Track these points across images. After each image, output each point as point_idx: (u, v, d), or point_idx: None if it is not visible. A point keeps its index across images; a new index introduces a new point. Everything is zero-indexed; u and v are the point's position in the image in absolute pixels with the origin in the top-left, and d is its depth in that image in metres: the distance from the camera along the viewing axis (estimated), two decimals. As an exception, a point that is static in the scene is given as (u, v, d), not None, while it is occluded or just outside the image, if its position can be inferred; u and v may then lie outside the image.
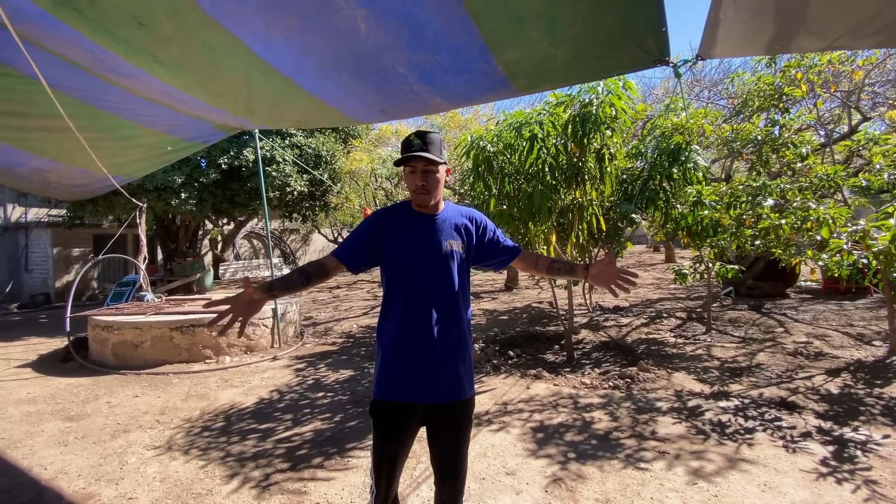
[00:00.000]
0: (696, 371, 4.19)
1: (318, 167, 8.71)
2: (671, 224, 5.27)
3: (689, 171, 4.99)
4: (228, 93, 2.94)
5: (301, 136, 8.58)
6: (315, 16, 1.91)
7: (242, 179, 8.26)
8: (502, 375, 4.28)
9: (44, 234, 11.36)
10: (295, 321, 6.54)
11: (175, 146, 3.96)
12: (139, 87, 2.85)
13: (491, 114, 11.03)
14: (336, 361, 5.09)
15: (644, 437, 2.90)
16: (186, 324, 5.21)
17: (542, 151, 4.25)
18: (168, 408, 3.80)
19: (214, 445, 3.07)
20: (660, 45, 1.85)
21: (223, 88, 2.88)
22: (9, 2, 2.10)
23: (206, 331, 5.24)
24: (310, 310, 8.81)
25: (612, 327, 6.35)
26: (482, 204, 4.87)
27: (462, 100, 2.85)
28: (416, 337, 1.49)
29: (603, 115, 4.03)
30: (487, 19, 1.82)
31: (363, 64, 2.28)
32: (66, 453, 3.02)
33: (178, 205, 7.81)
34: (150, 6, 1.97)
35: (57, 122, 2.92)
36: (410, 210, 1.59)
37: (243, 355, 5.41)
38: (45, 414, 3.73)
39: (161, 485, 2.59)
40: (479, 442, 2.93)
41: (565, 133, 4.20)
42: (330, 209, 10.17)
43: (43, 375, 4.87)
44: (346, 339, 6.20)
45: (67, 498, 2.49)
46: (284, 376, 4.58)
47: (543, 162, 4.32)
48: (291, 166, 8.41)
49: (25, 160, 3.93)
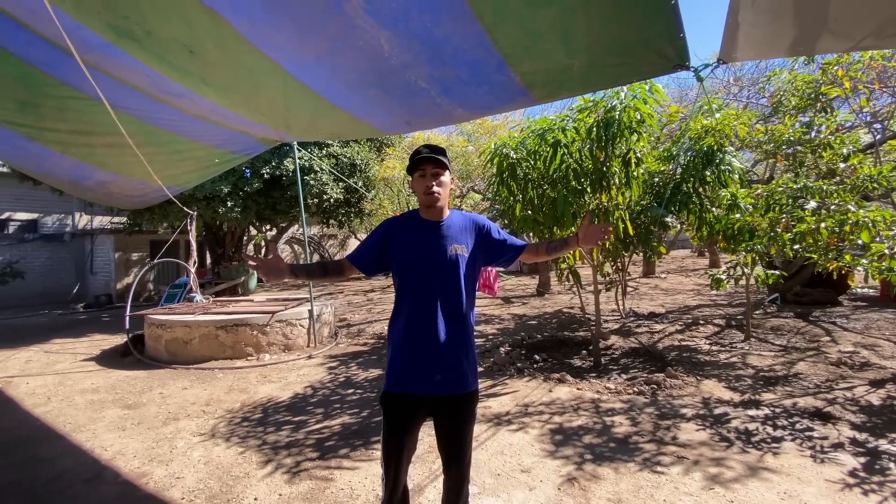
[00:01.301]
0: (728, 379, 4.08)
1: (352, 175, 9.07)
2: (706, 228, 5.16)
3: (723, 173, 4.87)
4: (268, 109, 3.20)
5: (337, 147, 8.97)
6: (343, 39, 2.09)
7: (283, 188, 8.71)
8: (525, 378, 4.33)
9: (107, 240, 12.36)
10: (330, 322, 6.83)
11: (222, 158, 4.31)
12: (190, 106, 3.17)
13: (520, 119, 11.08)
14: (366, 361, 5.30)
15: (664, 442, 2.89)
16: (231, 323, 5.59)
17: (565, 157, 4.30)
18: (213, 399, 4.11)
19: (252, 434, 3.31)
20: (678, 51, 1.88)
21: (263, 106, 3.14)
22: (79, 34, 2.43)
23: (248, 330, 5.60)
24: (345, 312, 9.14)
25: (644, 333, 6.24)
26: (508, 209, 4.96)
27: (483, 109, 2.98)
28: (423, 335, 1.61)
29: (627, 119, 4.04)
30: (502, 35, 1.92)
31: (388, 80, 2.45)
32: (123, 437, 3.35)
33: (224, 212, 8.34)
34: (198, 37, 2.23)
35: (118, 139, 3.28)
36: (418, 218, 1.72)
37: (281, 353, 5.72)
38: (106, 402, 4.13)
39: (205, 467, 2.84)
40: (497, 440, 3.01)
41: (589, 138, 4.23)
42: (365, 215, 10.52)
43: (105, 368, 5.36)
44: (377, 340, 6.42)
45: (124, 476, 2.78)
46: (318, 373, 4.82)
47: (567, 167, 4.36)
48: (328, 175, 8.80)
49: (91, 173, 4.40)
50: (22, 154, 4.26)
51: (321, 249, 19.41)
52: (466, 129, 10.17)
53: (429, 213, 1.70)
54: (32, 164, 4.64)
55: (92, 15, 2.20)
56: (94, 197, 6.75)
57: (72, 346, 6.74)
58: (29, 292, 11.46)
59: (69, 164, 4.17)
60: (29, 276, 11.25)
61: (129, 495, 2.56)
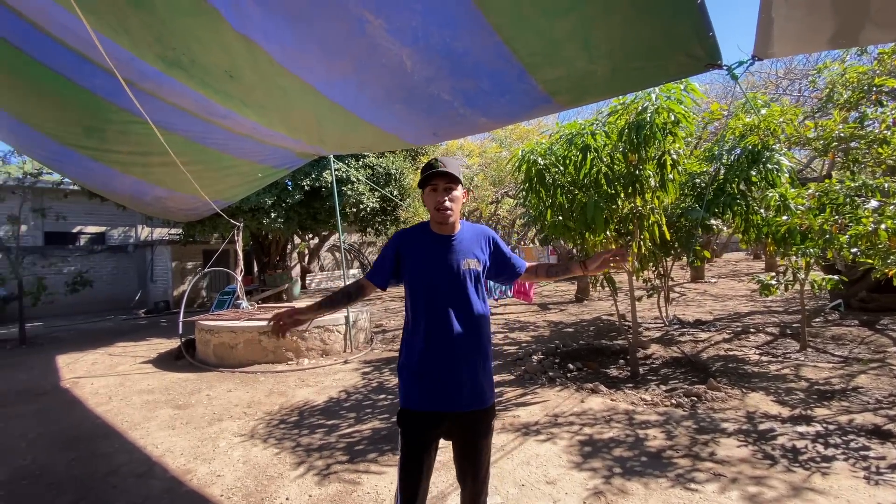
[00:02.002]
0: (777, 392, 3.83)
1: (387, 185, 9.28)
2: (753, 230, 4.89)
3: (770, 172, 4.61)
4: (303, 126, 3.38)
5: (373, 158, 9.22)
6: (367, 59, 2.19)
7: (323, 199, 9.05)
8: (557, 388, 4.25)
9: (165, 251, 13.27)
10: (365, 328, 7.00)
11: (264, 172, 4.56)
12: (234, 126, 3.40)
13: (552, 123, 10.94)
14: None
15: (700, 458, 2.75)
16: (272, 329, 5.85)
17: (595, 161, 4.22)
18: (254, 402, 4.32)
19: (288, 436, 3.46)
20: (708, 50, 1.81)
21: (298, 123, 3.32)
22: (135, 66, 2.69)
23: (288, 335, 5.85)
24: (381, 318, 9.32)
25: (688, 342, 5.97)
26: (539, 216, 4.91)
27: (507, 118, 2.99)
28: (438, 351, 1.60)
29: (660, 121, 3.92)
30: (522, 45, 1.92)
31: (412, 94, 2.53)
32: (172, 436, 3.59)
33: (268, 223, 8.76)
34: (237, 63, 2.40)
35: (171, 158, 3.57)
36: (429, 231, 1.70)
37: (319, 358, 5.93)
38: (159, 402, 4.44)
39: (243, 466, 3.00)
40: (524, 450, 2.98)
41: (620, 141, 4.13)
42: (401, 223, 10.71)
43: (160, 370, 5.76)
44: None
45: (171, 472, 2.98)
46: (352, 378, 4.96)
47: (598, 171, 4.27)
48: (364, 185, 9.05)
49: (150, 190, 4.78)
50: (88, 174, 4.71)
51: (361, 256, 19.90)
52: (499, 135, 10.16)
53: (440, 228, 1.69)
54: (98, 182, 5.11)
55: (144, 48, 2.43)
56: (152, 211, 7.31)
57: (133, 349, 7.28)
58: (97, 299, 12.48)
59: (130, 182, 4.56)
60: (97, 285, 12.25)
61: (174, 491, 2.74)
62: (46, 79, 2.96)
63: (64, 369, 5.92)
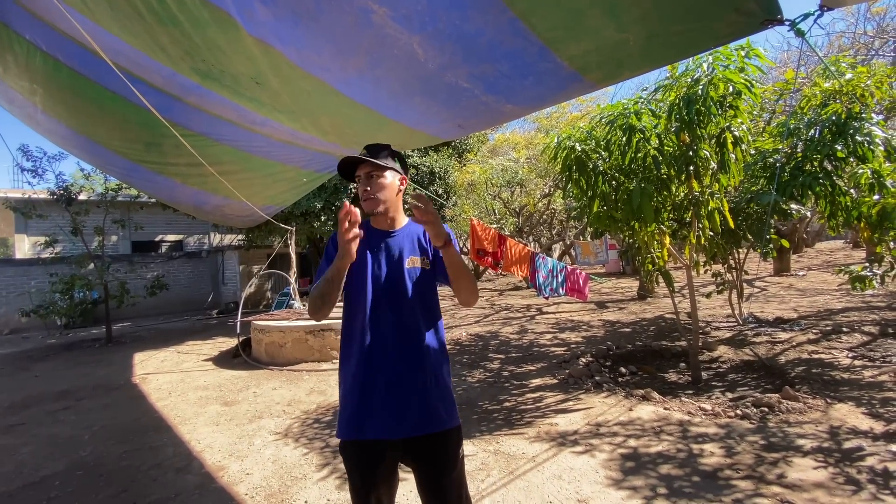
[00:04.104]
0: (870, 403, 3.23)
1: (432, 184, 9.21)
2: (841, 214, 4.23)
3: (861, 145, 3.94)
4: (332, 128, 3.36)
5: (416, 157, 9.19)
6: (378, 51, 2.09)
7: (369, 200, 9.18)
8: (603, 394, 3.91)
9: (233, 255, 14.21)
10: (411, 328, 6.97)
11: (309, 177, 4.64)
12: (273, 132, 3.47)
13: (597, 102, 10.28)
14: (440, 368, 5.26)
15: (765, 481, 2.35)
16: (318, 328, 5.98)
17: (641, 143, 3.82)
18: (294, 400, 4.40)
19: (319, 437, 3.45)
20: (763, 4, 1.50)
21: (327, 125, 3.30)
22: (177, 80, 2.81)
23: (332, 335, 5.95)
24: (431, 318, 9.27)
25: (763, 344, 5.30)
26: (583, 207, 4.55)
27: (534, 102, 2.75)
28: (378, 366, 1.38)
29: (715, 94, 3.46)
30: (539, 19, 1.72)
31: (429, 85, 2.39)
32: (215, 432, 3.73)
33: (319, 226, 9.04)
34: (260, 69, 2.42)
35: (224, 168, 3.73)
36: (369, 228, 1.51)
37: (363, 358, 5.96)
38: (210, 399, 4.66)
39: (272, 465, 3.02)
40: (557, 462, 2.72)
41: (670, 119, 3.71)
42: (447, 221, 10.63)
43: (217, 368, 6.09)
44: (454, 346, 6.36)
45: (206, 468, 3.07)
46: (391, 380, 4.90)
47: (646, 154, 3.87)
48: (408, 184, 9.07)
49: (208, 199, 5.05)
50: (154, 186, 5.08)
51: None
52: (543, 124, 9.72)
53: (376, 221, 1.50)
54: (164, 194, 5.50)
55: (179, 62, 2.51)
56: (213, 218, 7.78)
57: (199, 347, 7.81)
58: (175, 300, 13.63)
59: (190, 191, 4.85)
60: (174, 288, 13.38)
61: (204, 487, 2.81)
62: (108, 99, 3.20)
63: (137, 366, 6.45)
